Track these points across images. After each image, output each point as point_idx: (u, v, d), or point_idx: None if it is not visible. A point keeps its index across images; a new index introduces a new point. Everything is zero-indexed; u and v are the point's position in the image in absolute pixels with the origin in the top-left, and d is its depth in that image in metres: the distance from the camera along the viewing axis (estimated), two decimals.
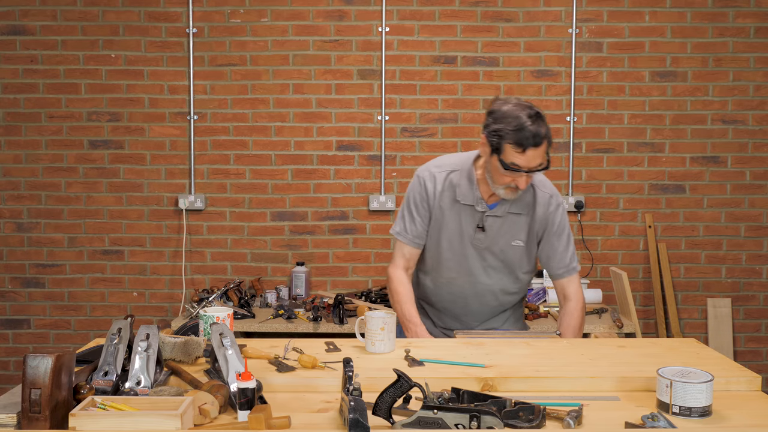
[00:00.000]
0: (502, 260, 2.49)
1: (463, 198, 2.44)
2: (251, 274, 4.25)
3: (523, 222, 2.46)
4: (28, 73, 4.18)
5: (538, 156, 2.26)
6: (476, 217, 2.45)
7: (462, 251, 2.48)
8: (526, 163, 2.26)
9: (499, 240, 2.46)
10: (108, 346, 1.75)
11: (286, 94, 4.20)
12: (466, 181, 2.45)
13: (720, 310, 4.25)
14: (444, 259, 2.50)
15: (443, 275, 2.53)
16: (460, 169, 2.47)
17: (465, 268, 2.49)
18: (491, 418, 1.49)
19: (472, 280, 2.50)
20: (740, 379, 1.85)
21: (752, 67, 4.18)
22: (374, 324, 2.07)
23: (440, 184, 2.47)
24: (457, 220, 2.46)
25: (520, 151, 2.24)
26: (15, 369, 4.27)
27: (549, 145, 2.29)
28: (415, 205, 2.51)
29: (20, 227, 4.23)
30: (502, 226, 2.45)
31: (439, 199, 2.47)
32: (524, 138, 2.22)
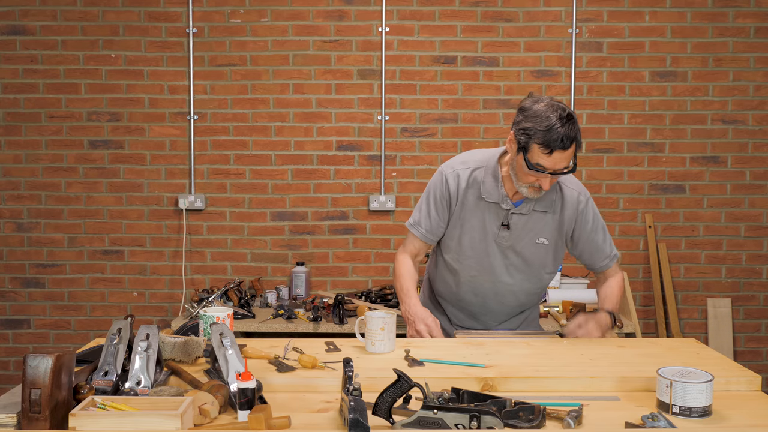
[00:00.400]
0: (525, 259, 2.44)
1: (488, 195, 2.40)
2: (251, 274, 4.25)
3: (549, 220, 2.42)
4: (28, 73, 4.18)
5: (565, 159, 2.22)
6: (501, 215, 2.40)
7: (485, 249, 2.43)
8: (551, 164, 2.21)
9: (523, 238, 2.42)
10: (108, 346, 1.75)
11: (286, 94, 4.20)
12: (491, 179, 2.40)
13: (720, 310, 4.25)
14: (466, 257, 2.46)
15: (464, 273, 2.48)
16: (485, 166, 2.43)
17: (487, 266, 2.45)
18: (491, 418, 1.49)
19: (494, 279, 2.46)
20: (740, 379, 1.85)
21: (752, 67, 4.18)
22: (374, 324, 2.07)
23: (464, 182, 2.42)
24: (480, 218, 2.42)
25: (546, 152, 2.19)
26: (15, 369, 4.27)
27: (578, 147, 2.25)
28: (435, 201, 2.47)
29: (20, 227, 4.23)
30: (526, 224, 2.41)
31: (462, 197, 2.43)
32: (552, 140, 2.17)
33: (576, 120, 2.23)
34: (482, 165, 2.43)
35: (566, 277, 4.12)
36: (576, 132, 2.21)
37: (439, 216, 2.47)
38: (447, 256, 2.51)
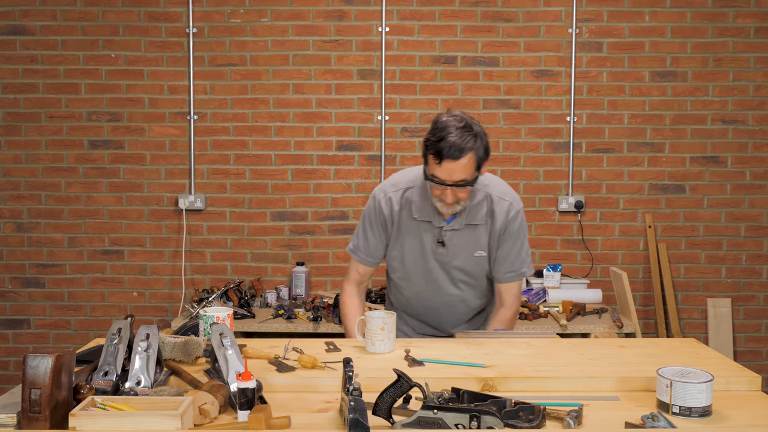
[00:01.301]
0: (467, 272, 2.47)
1: (419, 215, 2.41)
2: (251, 274, 4.25)
3: (482, 232, 2.43)
4: (28, 73, 4.18)
5: (459, 170, 2.19)
6: (435, 233, 2.42)
7: (426, 266, 2.47)
8: (445, 175, 2.20)
9: (461, 253, 2.44)
10: (108, 346, 1.75)
11: (286, 94, 4.20)
12: (421, 198, 2.41)
13: (720, 310, 4.25)
14: (410, 274, 2.50)
15: (412, 290, 2.53)
16: (415, 185, 2.43)
17: (431, 282, 2.49)
18: (491, 418, 1.49)
19: (441, 292, 2.50)
20: (740, 379, 1.85)
21: (752, 67, 4.18)
22: (374, 324, 2.07)
23: (396, 204, 2.44)
24: (417, 237, 2.44)
25: (437, 162, 2.19)
26: (15, 369, 4.27)
27: (478, 160, 2.21)
28: (370, 225, 2.50)
29: (20, 227, 4.23)
30: (461, 239, 2.43)
31: (397, 219, 2.45)
32: (441, 149, 2.16)
33: (479, 133, 2.21)
34: (413, 185, 2.44)
35: (566, 277, 4.12)
36: (474, 143, 2.18)
37: (376, 239, 2.50)
38: (394, 276, 2.57)
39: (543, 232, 4.25)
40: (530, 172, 4.23)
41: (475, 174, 2.25)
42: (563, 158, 4.22)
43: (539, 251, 4.26)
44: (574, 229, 4.25)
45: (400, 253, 2.49)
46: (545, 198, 4.24)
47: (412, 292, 2.54)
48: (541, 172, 4.23)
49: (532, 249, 4.24)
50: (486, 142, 2.26)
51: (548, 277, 4.01)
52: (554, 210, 4.25)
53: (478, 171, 2.25)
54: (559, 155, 4.21)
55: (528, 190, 4.24)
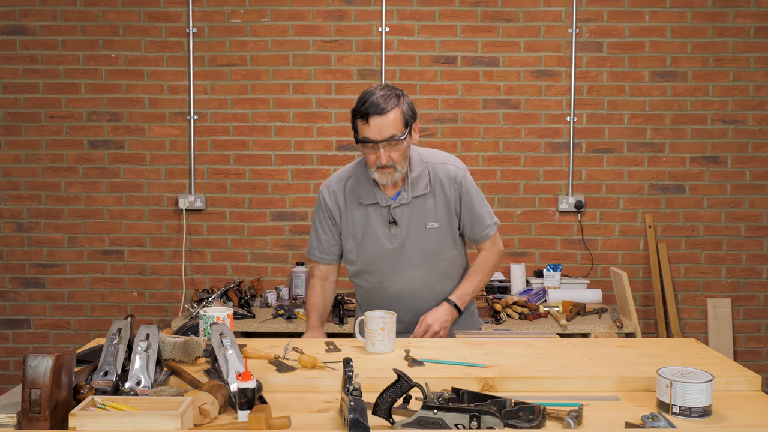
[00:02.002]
0: (423, 249, 2.45)
1: (365, 198, 2.43)
2: (251, 274, 4.25)
3: (431, 202, 2.43)
4: (28, 73, 4.18)
5: (388, 125, 2.25)
6: (385, 213, 2.43)
7: (382, 251, 2.45)
8: (374, 133, 2.25)
9: (413, 228, 2.43)
10: (108, 346, 1.75)
11: (286, 94, 4.20)
12: (364, 182, 2.43)
13: (720, 310, 4.25)
14: (368, 262, 2.49)
15: (373, 279, 2.51)
16: (356, 173, 2.47)
17: (390, 266, 2.46)
18: (491, 418, 1.49)
19: (402, 276, 2.47)
20: (740, 379, 1.85)
21: (752, 67, 4.18)
22: (374, 324, 2.07)
23: (341, 194, 2.47)
24: (367, 223, 2.45)
25: (364, 123, 2.26)
26: (15, 369, 4.27)
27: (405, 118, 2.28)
28: (320, 221, 2.52)
29: (20, 227, 4.23)
30: (411, 214, 2.42)
31: (344, 209, 2.47)
32: (367, 108, 2.24)
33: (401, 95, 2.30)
34: (353, 174, 2.48)
35: (566, 277, 4.12)
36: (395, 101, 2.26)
37: (327, 235, 2.52)
38: (353, 270, 2.55)
39: (543, 232, 4.25)
40: (530, 172, 4.23)
41: (404, 131, 2.29)
42: (563, 158, 4.22)
43: (539, 251, 4.26)
44: (574, 229, 4.25)
45: (355, 244, 2.48)
46: (545, 198, 4.24)
47: (373, 283, 2.51)
48: (541, 172, 4.23)
49: (532, 249, 4.26)
50: (411, 103, 2.34)
51: (548, 277, 4.01)
52: (554, 210, 4.25)
53: (407, 129, 2.29)
54: (559, 155, 4.21)
55: (528, 190, 4.24)
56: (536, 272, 4.11)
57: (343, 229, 2.50)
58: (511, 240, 4.24)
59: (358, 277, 2.56)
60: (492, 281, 4.05)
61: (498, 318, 3.63)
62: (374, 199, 2.42)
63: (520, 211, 4.24)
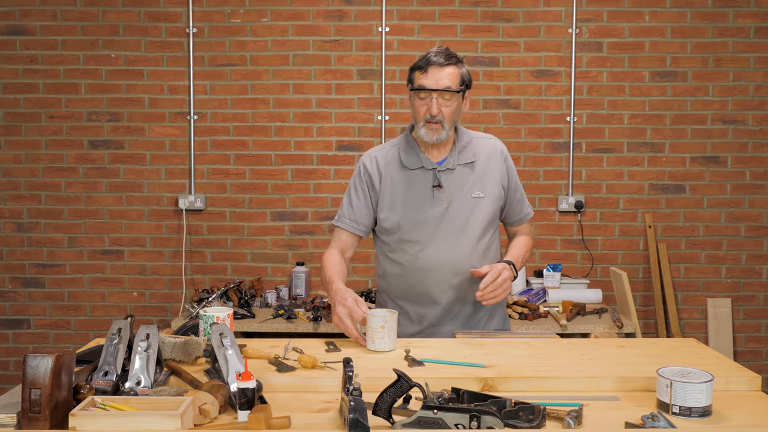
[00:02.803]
0: (466, 217, 2.40)
1: (410, 163, 2.43)
2: (251, 274, 4.25)
3: (477, 171, 2.44)
4: (28, 73, 4.18)
5: (445, 76, 2.33)
6: (429, 178, 2.41)
7: (424, 215, 2.40)
8: (431, 82, 2.32)
9: (458, 194, 2.41)
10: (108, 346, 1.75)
11: (286, 94, 4.20)
12: (408, 148, 2.45)
13: (720, 310, 4.25)
14: (409, 229, 2.40)
15: (412, 250, 2.41)
16: (398, 143, 2.50)
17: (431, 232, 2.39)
18: (491, 418, 1.49)
19: (443, 246, 2.39)
20: (740, 379, 1.85)
21: (752, 67, 4.18)
22: (375, 322, 2.07)
23: (383, 161, 2.47)
24: (410, 187, 2.42)
25: (423, 72, 2.34)
26: (15, 369, 4.27)
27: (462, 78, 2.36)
28: (355, 189, 2.48)
29: (20, 227, 4.24)
30: (457, 180, 2.42)
31: (386, 174, 2.45)
32: (426, 60, 2.35)
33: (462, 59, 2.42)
34: (397, 144, 2.51)
35: (566, 277, 4.12)
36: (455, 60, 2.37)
37: (362, 202, 2.46)
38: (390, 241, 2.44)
39: (543, 232, 4.25)
40: (530, 172, 4.23)
41: (461, 88, 2.36)
42: (563, 158, 4.22)
43: (539, 251, 4.26)
44: (574, 229, 4.25)
45: (395, 212, 2.41)
46: (545, 198, 4.24)
47: (412, 255, 2.40)
48: (541, 172, 4.23)
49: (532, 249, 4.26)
50: (469, 74, 2.44)
51: (548, 277, 4.01)
52: (554, 210, 4.25)
53: (463, 87, 2.37)
54: (559, 155, 4.21)
55: (528, 190, 4.23)
56: (536, 272, 4.11)
57: (381, 195, 2.45)
58: None
59: (394, 251, 2.44)
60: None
61: None
62: (420, 163, 2.42)
63: None
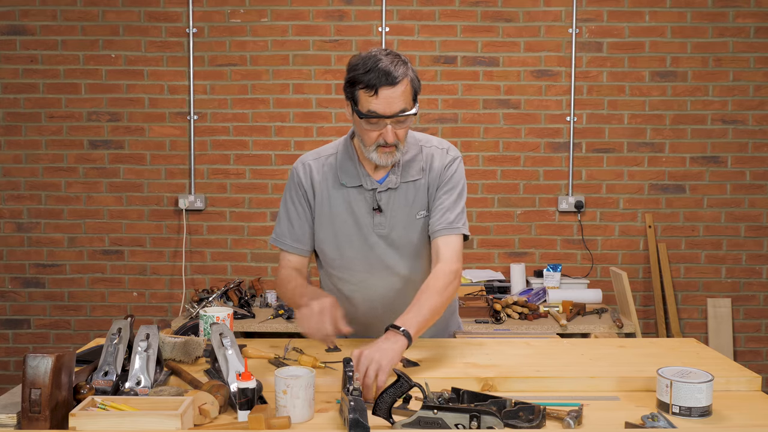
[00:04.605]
0: (411, 241, 2.11)
1: (348, 180, 2.09)
2: (251, 274, 4.25)
3: (422, 188, 2.10)
4: (28, 73, 4.18)
5: (398, 98, 1.92)
6: (368, 198, 2.09)
7: (365, 243, 2.11)
8: (384, 107, 1.92)
9: (401, 217, 2.10)
10: (108, 346, 1.75)
11: (286, 94, 4.20)
12: (347, 161, 2.10)
13: (720, 310, 4.25)
14: (347, 258, 2.13)
15: (354, 279, 2.15)
16: (338, 151, 2.14)
17: (374, 262, 2.12)
18: (491, 418, 1.49)
19: (387, 273, 2.13)
20: (740, 379, 1.85)
21: (752, 67, 4.18)
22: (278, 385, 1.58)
23: (318, 173, 2.12)
24: (348, 209, 2.10)
25: (372, 94, 1.91)
26: (15, 369, 4.27)
27: (414, 89, 1.98)
28: (292, 202, 2.14)
29: (20, 227, 4.23)
30: (399, 200, 2.09)
31: (321, 190, 2.12)
32: (375, 78, 1.91)
33: (407, 61, 1.99)
34: (334, 151, 2.15)
35: (566, 277, 4.12)
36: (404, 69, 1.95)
37: (301, 219, 2.14)
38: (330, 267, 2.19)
39: (543, 232, 4.25)
40: (530, 172, 4.23)
41: (413, 105, 1.98)
42: (563, 158, 4.22)
43: (539, 251, 4.26)
44: (574, 229, 4.25)
45: (332, 234, 2.12)
46: (545, 198, 4.24)
47: (354, 284, 2.15)
48: (541, 172, 4.23)
49: (532, 249, 4.25)
50: (416, 72, 2.03)
51: (548, 277, 4.01)
52: (554, 210, 4.25)
53: (415, 102, 1.99)
54: (559, 155, 4.21)
55: (528, 190, 4.24)
56: (536, 272, 4.11)
57: (317, 214, 2.13)
58: (511, 240, 4.24)
59: (335, 278, 2.20)
60: (492, 281, 4.04)
61: (498, 318, 3.63)
62: (358, 180, 2.09)
63: (520, 211, 4.23)
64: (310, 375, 1.59)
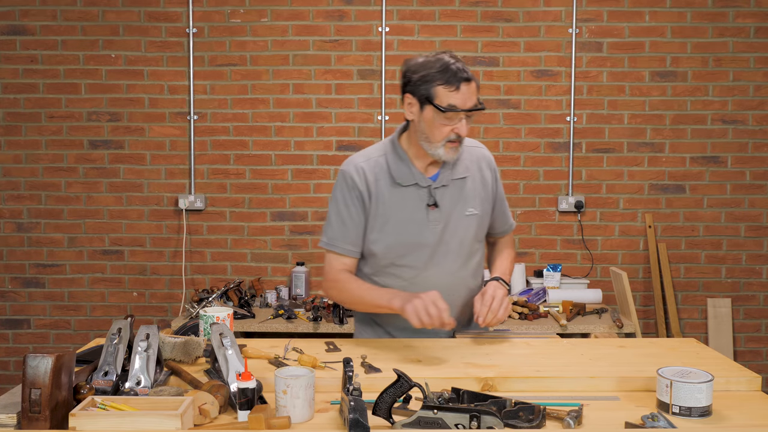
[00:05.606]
0: (460, 237, 2.21)
1: (402, 179, 2.17)
2: (251, 274, 4.25)
3: (470, 187, 2.23)
4: (28, 73, 4.18)
5: (473, 94, 2.11)
6: (423, 195, 2.17)
7: (419, 240, 2.18)
8: (463, 101, 2.08)
9: (454, 213, 2.20)
10: (108, 346, 1.75)
11: (286, 94, 4.20)
12: (398, 161, 2.18)
13: (720, 310, 4.25)
14: (402, 254, 2.19)
15: (406, 275, 2.20)
16: (386, 152, 2.21)
17: (426, 257, 2.19)
18: (491, 418, 1.49)
19: (438, 271, 2.20)
20: (740, 379, 1.85)
21: (752, 67, 4.18)
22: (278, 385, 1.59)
23: (371, 174, 2.18)
24: (402, 207, 2.17)
25: (453, 89, 2.07)
26: (15, 369, 4.27)
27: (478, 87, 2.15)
28: (346, 205, 2.19)
29: (20, 227, 4.23)
30: (451, 197, 2.20)
31: (375, 191, 2.17)
32: (453, 74, 2.08)
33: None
34: (383, 153, 2.22)
35: (566, 277, 4.12)
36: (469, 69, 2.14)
37: (355, 220, 2.18)
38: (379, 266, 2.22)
39: (543, 232, 4.25)
40: (530, 172, 4.23)
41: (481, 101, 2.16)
42: (563, 158, 4.22)
43: (539, 251, 4.26)
44: (574, 229, 4.25)
45: (387, 234, 2.17)
46: (545, 198, 4.24)
47: (406, 280, 2.20)
48: (541, 172, 4.23)
49: (532, 249, 4.26)
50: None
51: (548, 277, 4.01)
52: (554, 210, 4.25)
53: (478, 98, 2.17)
54: (559, 155, 4.21)
55: (528, 190, 4.24)
56: (536, 272, 4.11)
57: (372, 215, 2.18)
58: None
59: (384, 275, 2.22)
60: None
61: None
62: (412, 179, 2.17)
63: (520, 211, 4.23)
64: (310, 375, 1.60)
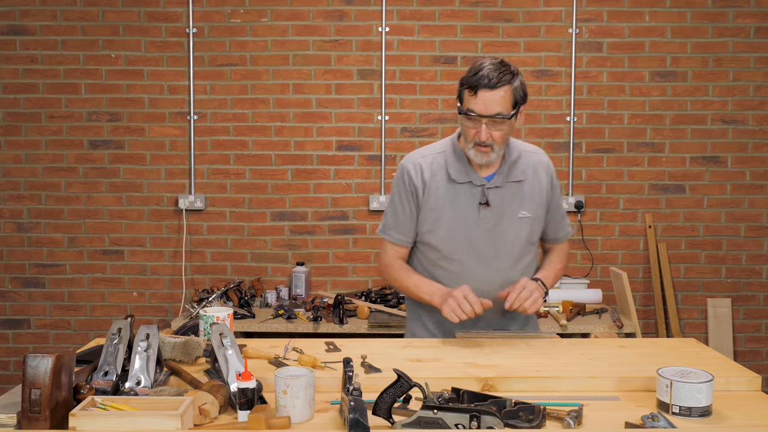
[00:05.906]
0: (510, 239, 2.28)
1: (458, 176, 2.26)
2: (251, 274, 4.25)
3: (525, 190, 2.29)
4: (28, 73, 4.18)
5: (496, 101, 2.12)
6: (476, 194, 2.25)
7: (468, 235, 2.26)
8: (481, 107, 2.13)
9: (505, 214, 2.26)
10: (108, 346, 1.75)
11: (286, 94, 4.20)
12: (455, 159, 2.28)
13: (720, 310, 4.25)
14: (451, 249, 2.27)
15: (453, 269, 2.28)
16: (445, 150, 2.32)
17: (473, 254, 2.26)
18: (491, 418, 1.49)
19: (484, 268, 2.27)
20: (740, 379, 1.85)
21: (752, 67, 4.18)
22: (278, 385, 1.60)
23: (428, 170, 2.29)
24: (456, 203, 2.26)
25: (472, 94, 2.15)
26: (15, 369, 4.27)
27: (516, 97, 2.15)
28: (399, 198, 2.32)
29: (20, 227, 4.23)
30: (504, 198, 2.26)
31: (430, 185, 2.28)
32: (476, 79, 2.14)
33: (515, 72, 2.17)
34: (442, 150, 2.33)
35: (566, 277, 4.12)
36: (508, 78, 2.14)
37: (407, 213, 2.31)
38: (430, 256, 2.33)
39: None
40: None
41: (512, 111, 2.15)
42: (563, 158, 4.22)
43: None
44: (574, 229, 4.25)
45: (438, 226, 2.26)
46: None
47: (453, 273, 2.28)
48: None
49: None
50: (524, 84, 2.20)
51: None
52: None
53: (515, 110, 2.16)
54: (559, 155, 4.21)
55: None
56: None
57: (423, 207, 2.28)
58: None
59: (435, 267, 2.32)
60: None
61: None
62: (467, 177, 2.26)
63: None
64: (310, 375, 1.60)
